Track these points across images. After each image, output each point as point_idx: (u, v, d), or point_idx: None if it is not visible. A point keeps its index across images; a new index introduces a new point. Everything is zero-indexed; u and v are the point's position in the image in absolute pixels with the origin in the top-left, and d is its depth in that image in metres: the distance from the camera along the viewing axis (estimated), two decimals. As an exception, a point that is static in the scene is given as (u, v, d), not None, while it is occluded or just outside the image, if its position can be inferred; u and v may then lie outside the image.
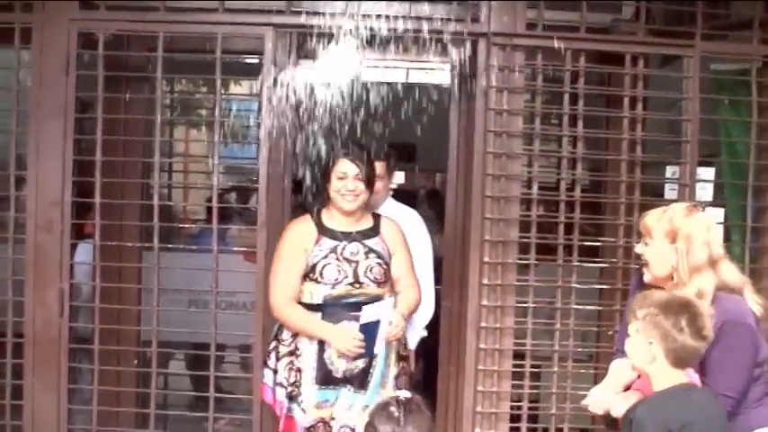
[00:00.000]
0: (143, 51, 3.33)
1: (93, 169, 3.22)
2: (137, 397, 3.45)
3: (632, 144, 3.28)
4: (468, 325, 3.27)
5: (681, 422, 1.99)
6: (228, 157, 3.65)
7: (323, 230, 3.07)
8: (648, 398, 2.11)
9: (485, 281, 3.22)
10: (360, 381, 3.00)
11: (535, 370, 3.32)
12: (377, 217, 3.18)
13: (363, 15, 3.27)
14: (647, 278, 2.35)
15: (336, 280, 2.99)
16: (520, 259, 3.26)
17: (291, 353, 3.03)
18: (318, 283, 3.00)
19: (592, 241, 3.40)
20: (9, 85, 3.21)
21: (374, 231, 3.12)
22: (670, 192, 3.32)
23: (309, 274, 3.01)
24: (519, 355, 3.29)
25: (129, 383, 3.43)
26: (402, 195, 3.96)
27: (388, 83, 5.49)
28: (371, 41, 3.64)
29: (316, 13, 3.26)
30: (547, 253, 3.27)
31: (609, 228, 3.41)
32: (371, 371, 3.01)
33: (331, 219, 3.09)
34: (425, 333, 3.44)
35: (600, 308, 3.34)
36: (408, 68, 5.53)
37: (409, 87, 5.71)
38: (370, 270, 3.03)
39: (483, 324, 3.23)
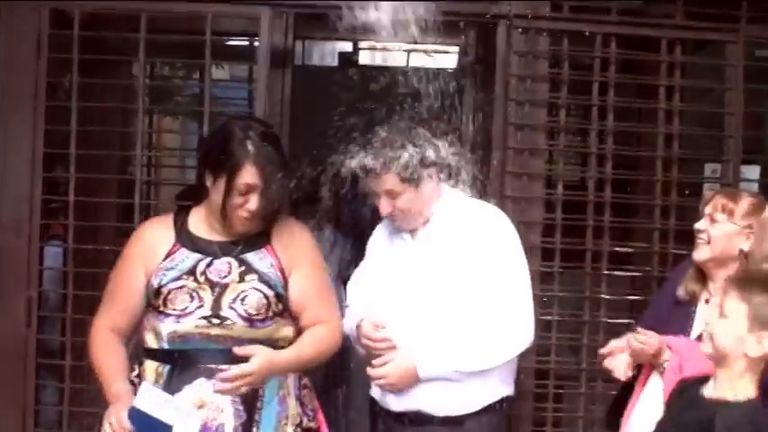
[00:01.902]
0: (122, 31, 3.28)
1: (65, 163, 3.23)
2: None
3: (668, 139, 3.28)
4: None
5: None
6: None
7: (183, 238, 2.32)
8: (738, 405, 1.98)
9: None
10: None
11: (559, 390, 3.33)
12: (271, 218, 2.39)
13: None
14: (701, 256, 2.45)
15: (184, 310, 2.23)
16: (543, 267, 3.26)
17: None
18: (163, 314, 2.25)
19: (623, 247, 3.39)
20: None
21: (262, 239, 2.34)
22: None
23: (152, 302, 2.26)
24: (541, 374, 3.29)
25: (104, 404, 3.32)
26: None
27: (385, 67, 5.46)
28: (372, 21, 3.61)
29: (315, -9, 3.18)
30: (573, 260, 3.29)
31: (642, 232, 3.43)
32: None
33: (201, 222, 2.34)
34: (508, 392, 2.59)
35: (632, 322, 3.18)
36: (409, 51, 5.47)
37: (410, 72, 5.70)
38: (242, 300, 2.25)
39: None
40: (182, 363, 2.23)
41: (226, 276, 2.26)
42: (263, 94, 3.20)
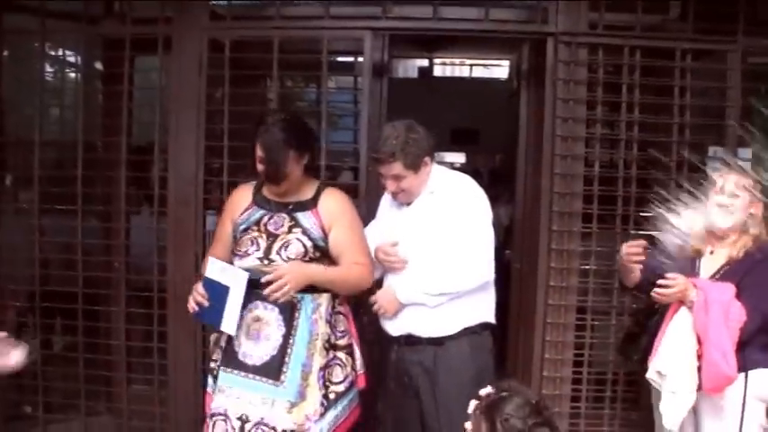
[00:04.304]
0: (260, 53, 3.75)
1: (220, 152, 3.71)
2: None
3: (681, 127, 3.66)
4: (538, 284, 3.73)
5: None
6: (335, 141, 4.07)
7: (257, 199, 2.91)
8: None
9: (553, 246, 3.67)
10: (274, 371, 2.74)
11: (595, 322, 3.70)
12: (321, 187, 2.95)
13: (444, 19, 3.69)
14: (727, 224, 2.84)
15: (246, 252, 2.79)
16: (583, 228, 3.65)
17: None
18: (235, 254, 2.83)
19: (645, 212, 3.52)
20: (154, 85, 3.84)
21: (311, 204, 2.87)
22: (711, 170, 3.54)
23: (232, 248, 2.88)
24: (581, 310, 3.68)
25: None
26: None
27: (454, 77, 5.83)
28: (447, 41, 3.91)
29: (406, 18, 3.76)
30: (606, 222, 3.62)
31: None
32: (286, 359, 2.75)
33: (268, 188, 2.90)
34: (486, 319, 2.97)
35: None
36: (472, 65, 5.91)
37: (472, 81, 6.10)
38: (285, 247, 2.76)
39: (551, 283, 3.69)
40: (248, 286, 2.75)
41: (279, 228, 2.78)
42: (367, 99, 3.70)
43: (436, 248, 2.86)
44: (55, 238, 3.88)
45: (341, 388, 2.86)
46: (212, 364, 2.91)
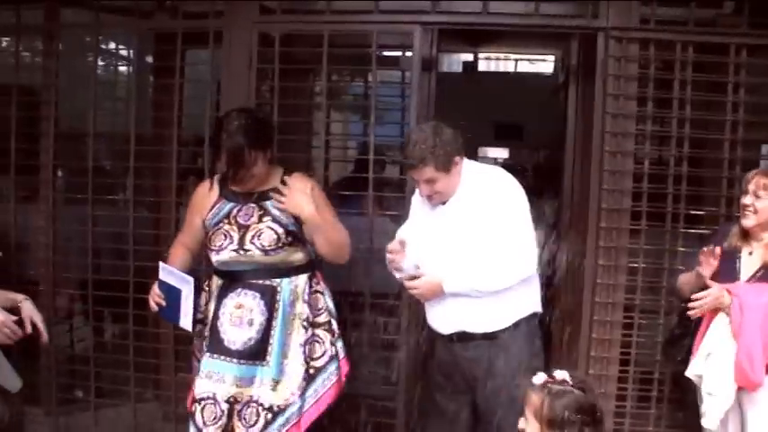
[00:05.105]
0: (311, 47, 3.76)
1: None
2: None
3: (733, 125, 3.56)
4: (585, 281, 3.68)
5: None
6: (383, 135, 4.08)
7: (224, 192, 2.97)
8: None
9: (601, 243, 3.62)
10: (258, 353, 2.87)
11: (643, 321, 3.61)
12: (286, 174, 3.00)
13: (494, 13, 3.63)
14: (749, 223, 2.90)
15: (221, 246, 2.87)
16: (632, 225, 3.59)
17: (202, 320, 3.03)
18: (210, 249, 2.93)
19: (696, 210, 3.58)
20: (205, 78, 3.83)
21: (277, 192, 2.92)
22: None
23: (206, 239, 2.98)
24: (629, 308, 3.62)
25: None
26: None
27: (498, 72, 5.77)
28: (493, 36, 3.83)
29: (455, 12, 3.72)
30: (656, 220, 3.57)
31: (710, 199, 3.67)
32: (270, 341, 2.88)
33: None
34: (534, 309, 2.97)
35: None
36: (517, 60, 5.83)
37: (517, 76, 6.01)
38: (258, 236, 2.84)
39: (599, 280, 3.64)
40: (228, 277, 2.92)
41: (249, 219, 2.86)
42: (416, 92, 3.64)
43: (478, 244, 2.83)
44: (106, 228, 3.91)
45: (320, 363, 2.98)
46: (198, 354, 3.04)
